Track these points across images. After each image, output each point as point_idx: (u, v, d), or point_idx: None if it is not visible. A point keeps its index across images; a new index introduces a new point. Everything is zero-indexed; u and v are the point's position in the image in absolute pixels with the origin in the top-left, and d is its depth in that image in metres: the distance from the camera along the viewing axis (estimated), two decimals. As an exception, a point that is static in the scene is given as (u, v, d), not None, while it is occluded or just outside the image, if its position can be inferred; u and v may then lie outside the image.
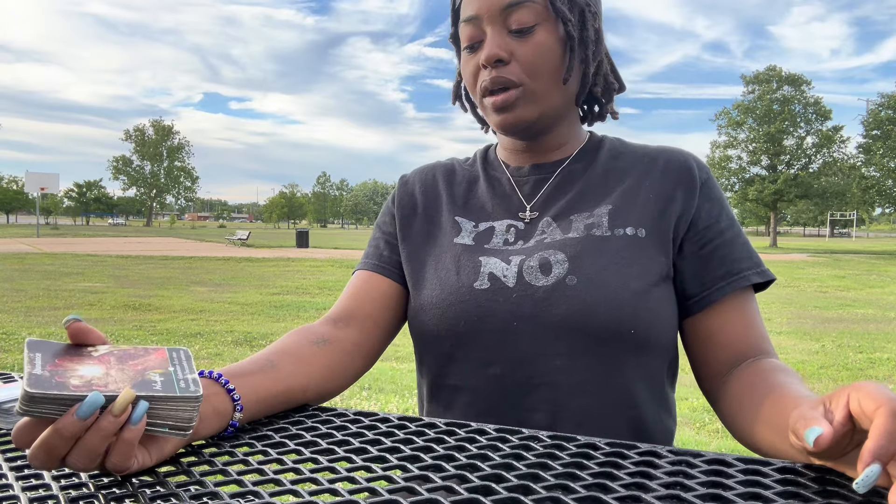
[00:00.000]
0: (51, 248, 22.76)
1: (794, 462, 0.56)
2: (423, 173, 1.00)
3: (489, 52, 0.81)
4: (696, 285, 0.83)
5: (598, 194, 0.87)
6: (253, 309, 8.46)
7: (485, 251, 0.86)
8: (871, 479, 0.45)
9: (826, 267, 18.87)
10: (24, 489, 0.52)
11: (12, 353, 5.50)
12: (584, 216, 0.85)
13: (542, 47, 0.81)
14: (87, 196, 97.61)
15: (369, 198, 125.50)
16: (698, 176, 0.86)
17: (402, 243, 0.95)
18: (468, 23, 0.84)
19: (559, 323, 0.78)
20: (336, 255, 21.52)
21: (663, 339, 0.81)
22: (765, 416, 0.67)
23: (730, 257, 0.83)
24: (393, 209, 0.99)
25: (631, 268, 0.79)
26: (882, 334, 7.20)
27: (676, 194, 0.85)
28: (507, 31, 0.82)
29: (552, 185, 0.89)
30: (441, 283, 0.86)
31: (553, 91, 0.84)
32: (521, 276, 0.81)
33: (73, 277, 12.12)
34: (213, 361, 5.41)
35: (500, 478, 0.53)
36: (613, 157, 0.91)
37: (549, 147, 0.91)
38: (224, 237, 35.27)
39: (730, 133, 39.86)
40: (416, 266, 0.91)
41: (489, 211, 0.91)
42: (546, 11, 0.81)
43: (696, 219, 0.84)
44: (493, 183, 0.94)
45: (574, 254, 0.81)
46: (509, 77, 0.81)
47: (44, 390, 0.50)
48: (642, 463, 0.56)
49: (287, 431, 0.66)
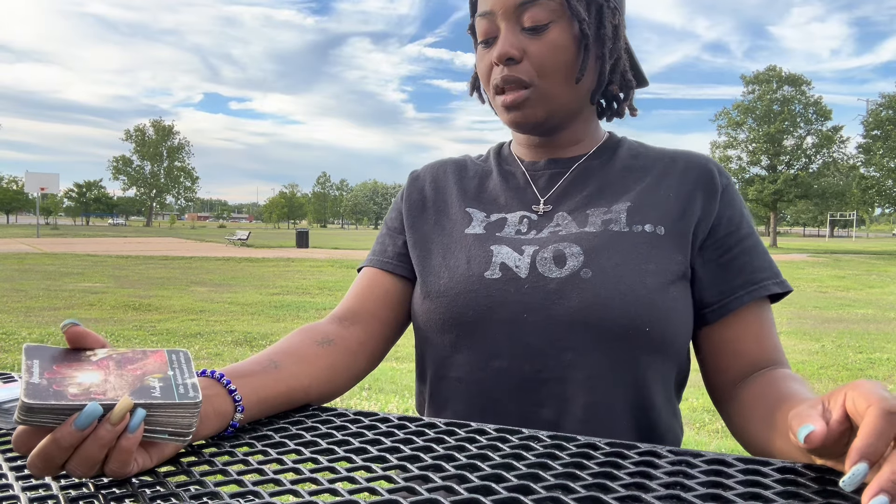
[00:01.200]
0: (51, 248, 22.76)
1: (794, 462, 0.56)
2: (433, 168, 1.00)
3: (501, 50, 0.81)
4: (715, 294, 0.82)
5: (617, 191, 0.86)
6: (253, 309, 8.46)
7: (496, 239, 0.85)
8: (858, 477, 0.45)
9: (826, 267, 18.87)
10: (24, 489, 0.52)
11: (12, 353, 5.50)
12: (602, 211, 0.84)
13: (555, 46, 0.80)
14: (87, 196, 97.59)
15: (369, 198, 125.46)
16: (719, 181, 0.85)
17: (409, 231, 0.93)
18: (483, 17, 0.83)
19: (572, 316, 0.76)
20: (336, 255, 21.51)
21: (677, 341, 0.79)
22: (776, 424, 0.66)
23: (749, 266, 0.82)
24: (401, 205, 0.97)
25: (648, 264, 0.78)
26: (882, 334, 7.20)
27: (696, 196, 0.83)
28: (520, 29, 0.81)
29: (568, 180, 0.88)
30: (450, 272, 0.84)
31: (564, 90, 0.83)
32: (533, 266, 0.80)
33: (73, 277, 12.12)
34: (213, 361, 5.41)
35: (500, 478, 0.53)
36: (633, 156, 0.90)
37: (564, 143, 0.90)
38: (224, 237, 35.26)
39: (730, 133, 39.89)
40: (423, 254, 0.90)
41: (502, 203, 0.90)
42: (561, 9, 0.80)
43: (716, 225, 0.83)
44: (506, 176, 0.93)
45: (590, 247, 0.80)
46: (520, 76, 0.81)
47: (42, 401, 0.50)
48: (642, 463, 0.56)
49: (287, 431, 0.66)
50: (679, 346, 0.80)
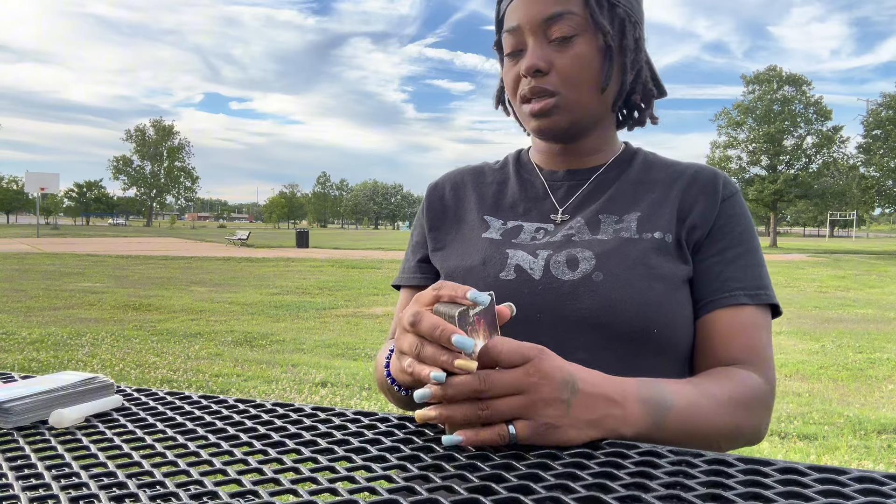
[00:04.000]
0: (51, 248, 22.77)
1: (796, 462, 0.56)
2: (452, 177, 1.03)
3: (529, 62, 0.84)
4: (694, 297, 0.85)
5: (629, 201, 0.89)
6: (253, 309, 8.46)
7: (512, 245, 0.88)
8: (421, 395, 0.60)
9: (826, 267, 18.87)
10: (23, 489, 0.52)
11: (12, 353, 5.50)
12: (614, 220, 0.87)
13: (581, 58, 0.84)
14: (87, 196, 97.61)
15: (369, 198, 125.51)
16: (721, 192, 0.88)
17: (431, 239, 0.98)
18: (511, 32, 0.87)
19: (583, 317, 0.79)
20: (336, 255, 21.52)
21: (682, 343, 0.82)
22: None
23: (723, 275, 0.84)
24: (422, 219, 1.01)
25: (657, 269, 0.81)
26: (882, 334, 7.21)
27: (697, 205, 0.87)
28: (547, 42, 0.85)
29: (585, 192, 0.92)
30: (466, 273, 0.87)
31: (589, 100, 0.87)
32: (547, 269, 0.83)
33: (73, 277, 12.12)
34: (213, 361, 5.41)
35: (500, 478, 0.53)
36: (646, 168, 0.93)
37: (583, 152, 0.93)
38: (224, 237, 35.27)
39: (730, 133, 39.89)
40: (443, 257, 0.94)
41: (520, 212, 0.94)
42: (586, 22, 0.84)
43: (709, 233, 0.86)
44: (525, 185, 0.96)
45: (601, 252, 0.83)
46: (547, 87, 0.84)
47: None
48: (642, 463, 0.56)
49: (286, 431, 0.66)
50: (683, 348, 0.83)
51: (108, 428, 0.69)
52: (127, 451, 0.61)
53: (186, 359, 5.51)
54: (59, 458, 0.60)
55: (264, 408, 0.76)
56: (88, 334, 6.44)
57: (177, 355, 5.62)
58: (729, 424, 0.74)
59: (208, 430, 0.67)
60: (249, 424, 0.69)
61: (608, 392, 0.64)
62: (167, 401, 0.79)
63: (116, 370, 5.02)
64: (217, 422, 0.70)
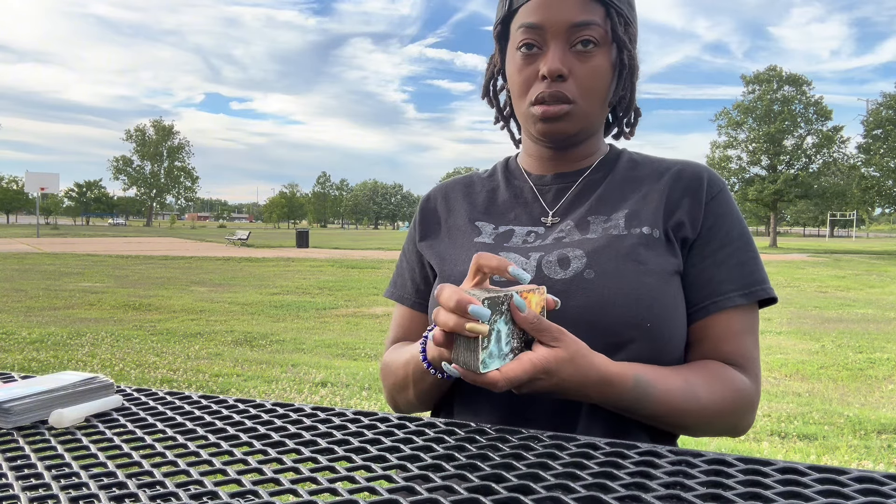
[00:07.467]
0: (51, 248, 22.77)
1: (797, 463, 0.56)
2: (443, 188, 1.04)
3: (553, 66, 0.84)
4: (688, 300, 0.86)
5: (616, 200, 0.90)
6: (253, 309, 8.46)
7: (504, 248, 0.89)
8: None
9: (826, 267, 18.88)
10: (24, 489, 0.52)
11: (12, 353, 5.50)
12: (602, 219, 0.88)
13: (598, 70, 0.85)
14: (87, 196, 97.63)
15: (369, 198, 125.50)
16: (707, 190, 0.88)
17: (425, 248, 0.98)
18: (530, 29, 0.86)
19: (577, 315, 0.79)
20: (336, 255, 21.52)
21: (675, 335, 0.83)
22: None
23: (717, 278, 0.85)
24: (414, 233, 1.02)
25: (647, 264, 0.82)
26: (882, 334, 7.21)
27: (683, 202, 0.87)
28: (569, 48, 0.85)
29: (573, 194, 0.93)
30: (460, 276, 0.87)
31: (598, 111, 0.89)
32: (539, 269, 0.84)
33: (73, 277, 12.13)
34: (213, 361, 5.41)
35: (500, 478, 0.53)
36: (631, 167, 0.94)
37: (574, 157, 0.94)
38: (224, 237, 35.27)
39: (730, 133, 39.88)
40: (437, 263, 0.95)
41: (511, 217, 0.95)
42: (606, 35, 0.85)
43: (700, 233, 0.86)
44: (514, 190, 0.97)
45: (592, 250, 0.84)
46: (566, 93, 0.85)
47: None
48: (642, 463, 0.56)
49: (286, 431, 0.66)
50: (677, 341, 0.83)
51: (107, 428, 0.69)
52: (127, 451, 0.61)
53: (186, 359, 5.51)
54: (59, 458, 0.60)
55: (264, 408, 0.76)
56: (88, 334, 6.44)
57: (177, 355, 5.62)
58: (711, 419, 0.80)
59: (208, 430, 0.67)
60: (249, 424, 0.69)
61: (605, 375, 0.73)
62: (167, 401, 0.79)
63: (116, 370, 5.02)
64: (217, 422, 0.70)
